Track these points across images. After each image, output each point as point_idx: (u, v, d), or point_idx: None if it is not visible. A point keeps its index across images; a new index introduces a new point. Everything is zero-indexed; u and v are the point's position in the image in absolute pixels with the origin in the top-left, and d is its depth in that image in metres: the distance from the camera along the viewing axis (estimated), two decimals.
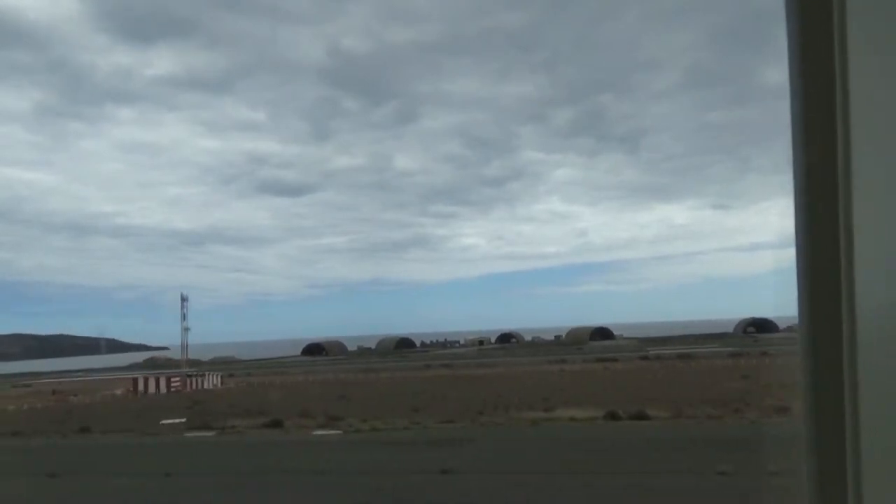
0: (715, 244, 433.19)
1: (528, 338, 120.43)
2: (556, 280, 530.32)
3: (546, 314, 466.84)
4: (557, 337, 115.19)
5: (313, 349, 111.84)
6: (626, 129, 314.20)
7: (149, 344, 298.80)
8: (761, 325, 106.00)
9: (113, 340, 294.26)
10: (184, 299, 69.03)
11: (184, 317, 68.85)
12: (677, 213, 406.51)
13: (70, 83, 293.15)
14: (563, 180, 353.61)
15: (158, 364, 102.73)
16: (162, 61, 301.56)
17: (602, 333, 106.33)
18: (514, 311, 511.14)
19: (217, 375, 57.35)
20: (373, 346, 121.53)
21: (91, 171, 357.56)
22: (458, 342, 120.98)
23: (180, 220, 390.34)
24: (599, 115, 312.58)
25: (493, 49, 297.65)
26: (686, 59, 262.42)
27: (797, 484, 1.32)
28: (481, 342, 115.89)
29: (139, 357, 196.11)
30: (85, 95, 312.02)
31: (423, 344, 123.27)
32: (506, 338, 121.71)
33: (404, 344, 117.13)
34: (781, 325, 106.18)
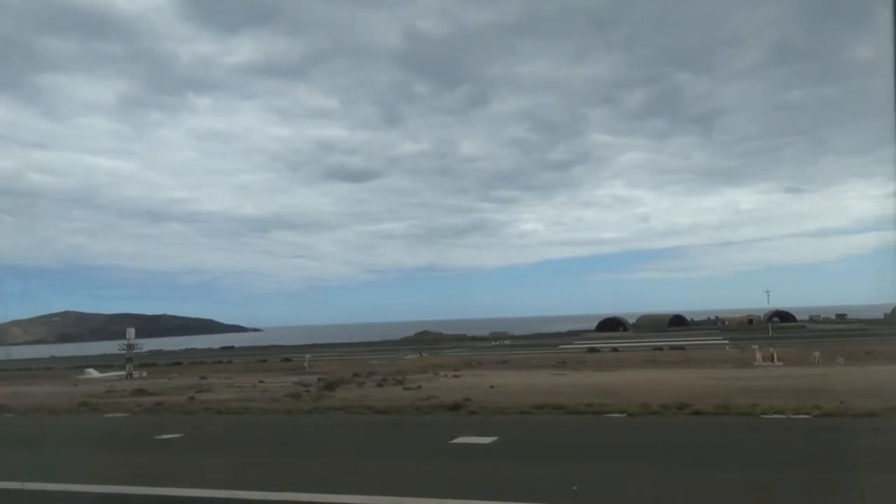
0: (781, 230, 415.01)
1: (803, 317, 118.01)
2: (612, 266, 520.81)
3: (599, 301, 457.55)
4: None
5: (609, 324, 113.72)
6: (702, 109, 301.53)
7: (244, 325, 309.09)
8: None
9: (211, 321, 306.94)
10: None
11: None
12: (745, 198, 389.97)
13: (154, 73, 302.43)
14: (629, 164, 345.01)
15: (431, 338, 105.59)
16: (242, 49, 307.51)
17: None
18: (567, 297, 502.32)
19: None
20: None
21: (166, 159, 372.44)
22: (725, 321, 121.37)
23: (248, 206, 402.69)
24: (674, 96, 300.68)
25: (571, 28, 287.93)
26: (772, 33, 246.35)
27: None
28: (750, 321, 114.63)
29: (234, 337, 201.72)
30: (167, 85, 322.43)
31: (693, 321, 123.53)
32: (783, 317, 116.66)
33: (677, 321, 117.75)
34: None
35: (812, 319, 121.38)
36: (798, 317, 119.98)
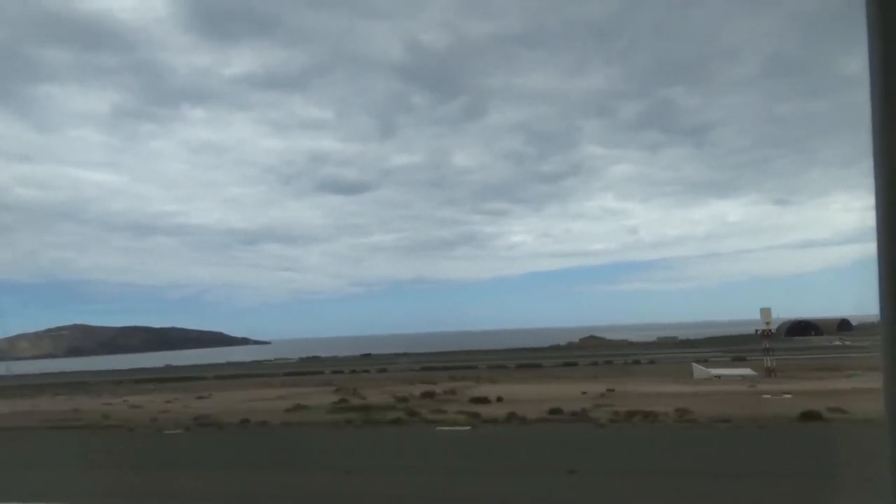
0: (766, 242, 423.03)
1: None
2: (600, 278, 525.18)
3: (587, 312, 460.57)
4: None
5: (799, 328, 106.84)
6: (695, 122, 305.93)
7: (252, 338, 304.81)
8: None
9: (220, 334, 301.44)
10: None
11: None
12: (732, 210, 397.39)
13: (149, 84, 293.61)
14: (620, 176, 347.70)
15: (596, 343, 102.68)
16: (241, 60, 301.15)
17: None
18: (555, 308, 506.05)
19: None
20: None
21: (156, 171, 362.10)
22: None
23: (237, 218, 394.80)
24: (668, 108, 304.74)
25: (571, 40, 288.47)
26: (766, 46, 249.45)
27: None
28: None
29: (251, 350, 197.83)
30: (161, 96, 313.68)
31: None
32: None
33: (844, 326, 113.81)
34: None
35: None
36: None
